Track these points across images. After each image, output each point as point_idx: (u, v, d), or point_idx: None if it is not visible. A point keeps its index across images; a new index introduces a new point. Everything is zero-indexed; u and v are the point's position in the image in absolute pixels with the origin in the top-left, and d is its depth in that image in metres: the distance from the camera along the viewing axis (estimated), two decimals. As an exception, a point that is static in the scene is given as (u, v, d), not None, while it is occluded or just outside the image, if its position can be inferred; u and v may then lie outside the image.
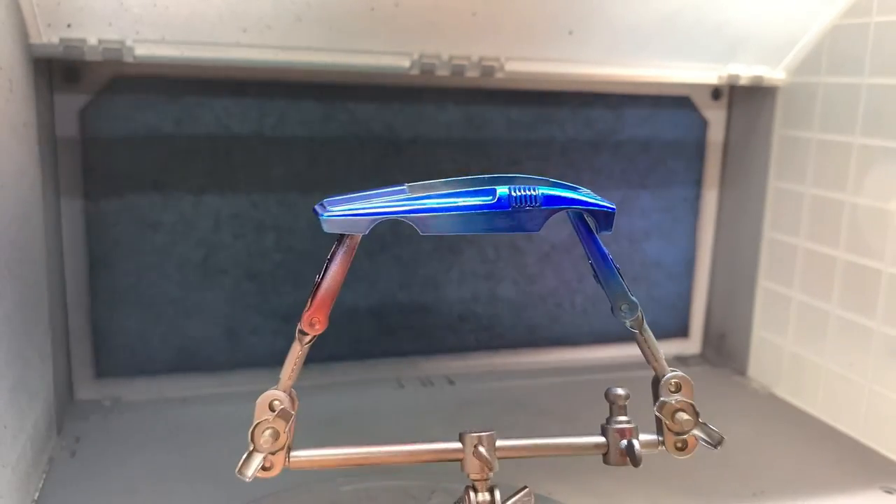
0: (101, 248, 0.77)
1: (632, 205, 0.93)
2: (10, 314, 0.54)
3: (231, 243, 0.81)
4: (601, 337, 0.95)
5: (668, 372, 0.46)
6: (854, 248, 0.76)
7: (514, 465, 0.66)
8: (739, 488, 0.65)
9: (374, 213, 0.40)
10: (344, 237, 0.42)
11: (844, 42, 0.77)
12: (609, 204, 0.43)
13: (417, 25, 0.71)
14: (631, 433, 0.46)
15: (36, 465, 0.61)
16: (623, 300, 0.44)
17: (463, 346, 0.90)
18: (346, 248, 0.42)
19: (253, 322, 0.83)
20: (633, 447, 0.45)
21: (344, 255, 0.42)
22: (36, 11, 0.62)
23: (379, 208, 0.40)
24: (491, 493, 0.45)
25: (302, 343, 0.43)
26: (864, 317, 0.74)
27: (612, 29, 0.76)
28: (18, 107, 0.59)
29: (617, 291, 0.45)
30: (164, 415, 0.75)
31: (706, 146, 0.94)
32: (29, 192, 0.62)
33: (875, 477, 0.67)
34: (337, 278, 0.42)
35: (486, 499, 0.45)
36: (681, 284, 0.97)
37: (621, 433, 0.46)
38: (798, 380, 0.83)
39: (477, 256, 0.89)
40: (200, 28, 0.67)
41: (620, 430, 0.46)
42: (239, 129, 0.79)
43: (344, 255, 0.42)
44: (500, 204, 0.40)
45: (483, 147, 0.86)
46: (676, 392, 0.45)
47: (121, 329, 0.79)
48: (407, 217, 0.40)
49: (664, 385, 0.45)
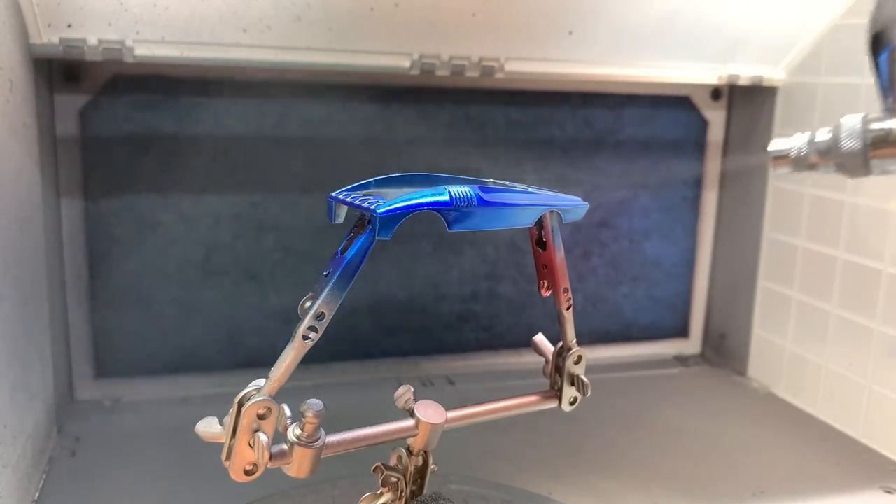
0: (101, 248, 0.77)
1: (632, 205, 0.93)
2: (10, 314, 0.54)
3: (231, 243, 0.81)
4: (601, 337, 0.95)
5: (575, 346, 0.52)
6: (854, 248, 0.76)
7: (515, 466, 0.66)
8: (739, 488, 0.65)
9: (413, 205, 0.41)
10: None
11: (844, 42, 0.77)
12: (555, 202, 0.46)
13: (417, 25, 0.71)
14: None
15: (36, 464, 0.61)
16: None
17: (463, 346, 0.90)
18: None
19: (253, 322, 0.83)
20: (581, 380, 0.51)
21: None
22: (36, 11, 0.62)
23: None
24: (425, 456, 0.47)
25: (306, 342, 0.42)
26: (863, 317, 0.74)
27: (612, 29, 0.76)
28: (18, 107, 0.59)
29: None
30: (164, 415, 0.75)
31: (706, 146, 0.94)
32: (29, 192, 0.62)
33: (875, 477, 0.68)
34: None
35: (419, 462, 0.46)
36: (681, 284, 0.97)
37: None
38: (798, 380, 0.84)
39: (477, 256, 0.89)
40: (200, 28, 0.67)
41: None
42: (239, 129, 0.79)
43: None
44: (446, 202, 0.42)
45: (483, 147, 0.86)
46: (577, 364, 0.52)
47: (121, 329, 0.79)
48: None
49: (570, 355, 0.52)
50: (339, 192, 0.42)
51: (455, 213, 0.42)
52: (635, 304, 0.95)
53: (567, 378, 0.51)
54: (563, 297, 0.50)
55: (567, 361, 0.51)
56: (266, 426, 0.40)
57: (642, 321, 0.96)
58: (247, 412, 0.40)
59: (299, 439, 0.41)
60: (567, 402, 0.52)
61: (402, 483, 0.46)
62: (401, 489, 0.46)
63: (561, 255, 0.49)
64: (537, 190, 0.47)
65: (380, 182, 0.44)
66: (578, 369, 0.52)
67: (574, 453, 0.70)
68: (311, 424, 0.41)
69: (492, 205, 0.43)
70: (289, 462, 0.41)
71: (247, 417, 0.40)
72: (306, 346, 0.40)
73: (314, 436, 0.41)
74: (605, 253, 0.93)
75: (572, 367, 0.51)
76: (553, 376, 0.52)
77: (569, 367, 0.51)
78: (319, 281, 0.41)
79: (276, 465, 0.41)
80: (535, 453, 0.69)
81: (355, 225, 0.41)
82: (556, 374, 0.52)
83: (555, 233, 0.48)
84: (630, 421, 0.77)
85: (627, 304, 0.95)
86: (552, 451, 0.70)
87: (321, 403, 0.41)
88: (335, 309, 0.41)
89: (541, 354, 0.53)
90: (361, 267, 0.41)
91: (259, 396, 0.40)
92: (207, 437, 0.41)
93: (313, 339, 0.40)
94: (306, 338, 0.40)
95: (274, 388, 0.40)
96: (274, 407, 0.40)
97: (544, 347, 0.53)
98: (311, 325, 0.40)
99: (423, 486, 0.47)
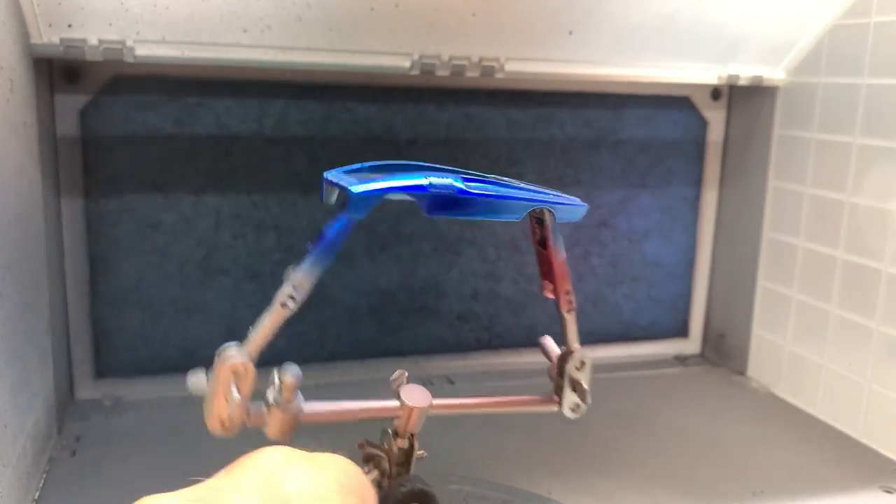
0: (101, 248, 0.77)
1: (632, 205, 0.93)
2: (11, 314, 0.54)
3: (231, 243, 0.81)
4: (601, 337, 0.95)
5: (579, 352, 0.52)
6: (854, 248, 0.76)
7: (515, 466, 0.66)
8: (739, 488, 0.65)
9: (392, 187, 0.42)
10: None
11: (844, 42, 0.77)
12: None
13: (417, 26, 0.71)
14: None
15: (36, 464, 0.61)
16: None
17: (463, 346, 0.90)
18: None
19: (253, 322, 0.82)
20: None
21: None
22: (37, 11, 0.62)
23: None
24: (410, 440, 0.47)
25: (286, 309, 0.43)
26: (863, 317, 0.74)
27: (612, 29, 0.76)
28: (18, 107, 0.59)
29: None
30: (164, 415, 0.75)
31: (706, 146, 0.94)
32: (29, 192, 0.62)
33: (875, 477, 0.68)
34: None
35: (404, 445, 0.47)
36: (680, 284, 0.97)
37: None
38: (798, 380, 0.84)
39: (477, 256, 0.89)
40: (200, 28, 0.67)
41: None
42: (239, 129, 0.79)
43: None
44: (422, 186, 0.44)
45: (483, 147, 0.86)
46: (580, 370, 0.51)
47: (121, 329, 0.79)
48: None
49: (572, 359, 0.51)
50: (332, 171, 0.45)
51: (430, 199, 0.42)
52: (635, 304, 0.95)
53: (568, 382, 0.51)
54: (563, 298, 0.50)
55: (568, 365, 0.50)
56: (243, 386, 0.42)
57: (642, 321, 0.96)
58: (222, 367, 0.42)
59: (276, 402, 0.42)
60: (568, 408, 0.51)
61: (386, 462, 0.46)
62: (383, 468, 0.46)
63: (561, 257, 0.49)
64: (538, 189, 0.47)
65: (374, 168, 0.45)
66: (581, 375, 0.51)
67: (574, 453, 0.70)
68: (289, 389, 0.42)
69: (471, 195, 0.43)
70: (265, 423, 0.43)
71: (222, 372, 0.42)
72: (284, 314, 0.43)
73: (291, 399, 0.43)
74: (604, 253, 0.93)
75: (573, 372, 0.51)
76: (557, 379, 0.51)
77: (570, 372, 0.51)
78: (305, 254, 0.44)
79: (255, 424, 0.43)
80: (535, 453, 0.69)
81: (340, 205, 0.43)
82: (559, 377, 0.51)
83: (554, 233, 0.48)
84: (630, 421, 0.77)
85: (627, 304, 0.95)
86: (552, 450, 0.70)
87: (298, 369, 0.43)
88: (313, 282, 0.43)
89: (547, 356, 0.52)
90: (339, 244, 0.43)
91: (237, 356, 0.42)
92: (195, 390, 0.43)
93: (291, 308, 0.42)
94: (284, 305, 0.42)
95: (252, 351, 0.42)
96: (251, 368, 0.42)
97: (550, 350, 0.52)
98: (290, 293, 0.43)
99: (409, 469, 0.47)
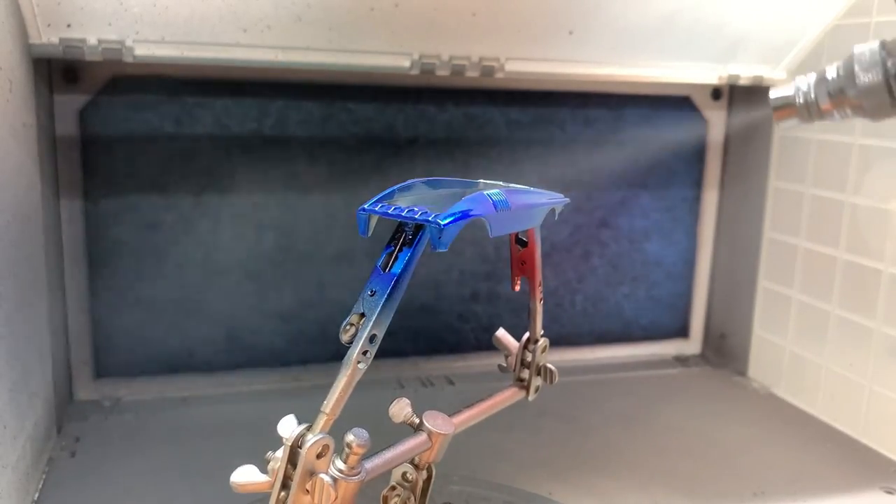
0: (101, 248, 0.77)
1: (632, 205, 0.93)
2: (10, 314, 0.54)
3: (231, 243, 0.81)
4: (601, 337, 0.95)
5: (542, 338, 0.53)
6: (854, 248, 0.76)
7: (516, 466, 0.66)
8: (740, 488, 0.65)
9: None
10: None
11: (844, 42, 0.77)
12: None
13: (417, 25, 0.71)
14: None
15: (36, 465, 0.61)
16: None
17: (463, 346, 0.90)
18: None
19: (253, 322, 0.83)
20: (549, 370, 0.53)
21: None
22: (36, 11, 0.62)
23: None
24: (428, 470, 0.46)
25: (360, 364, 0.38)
26: (864, 317, 0.74)
27: (612, 29, 0.76)
28: (18, 107, 0.59)
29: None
30: (164, 415, 0.75)
31: (706, 146, 0.94)
32: (29, 192, 0.62)
33: (875, 477, 0.68)
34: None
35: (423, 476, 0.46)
36: (681, 284, 0.97)
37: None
38: (798, 380, 0.83)
39: (477, 256, 0.89)
40: (200, 28, 0.67)
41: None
42: (239, 129, 0.79)
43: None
44: (491, 208, 0.41)
45: (483, 147, 0.86)
46: (543, 353, 0.53)
47: (121, 329, 0.79)
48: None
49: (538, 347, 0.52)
50: (369, 203, 0.40)
51: (495, 218, 0.41)
52: (635, 304, 0.95)
53: (534, 369, 0.52)
54: (537, 290, 0.51)
55: (537, 352, 0.52)
56: (322, 465, 0.37)
57: (642, 321, 0.96)
58: (307, 455, 0.37)
59: (342, 473, 0.38)
60: (533, 392, 0.53)
61: (413, 501, 0.45)
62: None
63: (539, 251, 0.50)
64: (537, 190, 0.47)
65: (402, 189, 0.42)
66: (545, 358, 0.53)
67: (574, 453, 0.70)
68: (356, 456, 0.38)
69: (520, 207, 0.43)
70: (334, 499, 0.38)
71: (307, 461, 0.37)
72: (359, 373, 0.38)
73: (357, 468, 0.39)
74: (605, 253, 0.93)
75: (541, 358, 0.52)
76: (518, 369, 0.53)
77: (538, 358, 0.52)
78: (363, 300, 0.38)
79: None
80: (536, 454, 0.69)
81: (394, 237, 0.39)
82: (521, 366, 0.53)
83: (537, 230, 0.49)
84: (630, 421, 0.77)
85: (627, 304, 0.95)
86: (552, 451, 0.70)
87: (366, 434, 0.38)
88: (386, 328, 0.38)
89: (505, 350, 0.53)
90: (409, 276, 0.38)
91: (316, 435, 0.37)
92: (248, 488, 0.37)
93: (366, 364, 0.38)
94: (360, 363, 0.38)
95: (328, 424, 0.38)
96: (331, 442, 0.38)
97: (508, 342, 0.53)
98: (364, 349, 0.38)
99: (426, 497, 0.46)
